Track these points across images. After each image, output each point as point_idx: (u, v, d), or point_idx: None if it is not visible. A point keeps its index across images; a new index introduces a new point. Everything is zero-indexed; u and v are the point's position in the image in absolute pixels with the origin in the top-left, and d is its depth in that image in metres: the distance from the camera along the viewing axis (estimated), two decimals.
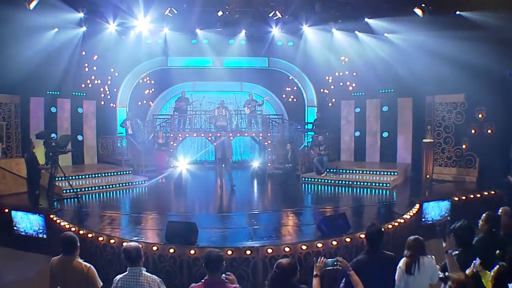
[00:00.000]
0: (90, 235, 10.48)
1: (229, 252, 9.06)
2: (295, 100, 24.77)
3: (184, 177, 18.24)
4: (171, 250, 9.23)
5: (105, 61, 21.12)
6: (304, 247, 9.39)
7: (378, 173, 17.86)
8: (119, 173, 18.08)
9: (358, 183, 17.45)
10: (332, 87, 22.90)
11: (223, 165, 17.18)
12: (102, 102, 21.88)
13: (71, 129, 20.03)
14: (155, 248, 9.39)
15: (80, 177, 17.16)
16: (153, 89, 24.14)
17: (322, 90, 23.59)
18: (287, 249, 9.27)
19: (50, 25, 17.62)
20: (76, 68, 19.85)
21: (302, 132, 22.51)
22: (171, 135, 20.58)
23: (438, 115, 18.60)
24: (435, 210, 13.28)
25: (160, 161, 18.77)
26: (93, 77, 21.15)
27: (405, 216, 11.85)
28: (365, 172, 18.14)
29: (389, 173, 17.73)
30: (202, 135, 21.23)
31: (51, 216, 11.75)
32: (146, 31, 20.42)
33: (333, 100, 22.86)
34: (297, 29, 20.94)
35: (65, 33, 18.35)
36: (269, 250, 9.17)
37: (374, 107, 21.22)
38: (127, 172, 18.34)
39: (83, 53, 20.13)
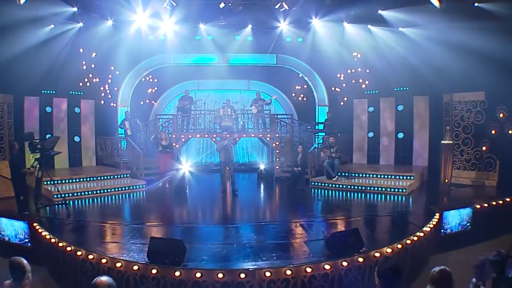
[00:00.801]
0: (69, 249, 9.37)
1: (220, 275, 7.81)
2: (305, 99, 23.71)
3: (186, 181, 16.98)
4: (154, 271, 8.02)
5: (105, 58, 20.25)
6: (309, 270, 8.07)
7: (393, 177, 16.66)
8: (116, 176, 17.08)
9: (372, 188, 16.10)
10: (344, 85, 21.78)
11: (227, 168, 16.17)
12: (102, 102, 21.08)
13: (68, 129, 19.44)
14: (135, 267, 8.21)
15: (73, 180, 16.19)
16: (156, 88, 23.16)
17: (333, 88, 22.54)
18: (288, 272, 7.97)
19: (44, 21, 16.81)
20: (73, 66, 19.00)
21: (312, 133, 21.29)
22: (174, 136, 19.58)
23: (457, 114, 17.43)
24: (456, 219, 12.17)
25: (164, 163, 17.50)
26: (91, 75, 20.23)
27: (425, 228, 10.61)
28: (379, 176, 16.95)
29: (405, 177, 16.50)
30: (206, 136, 20.21)
31: (34, 224, 10.71)
32: (147, 27, 19.61)
33: (345, 98, 21.77)
34: (306, 23, 19.96)
35: (60, 29, 17.72)
36: (267, 274, 7.89)
37: (388, 106, 20.07)
38: (125, 175, 17.34)
39: (81, 50, 19.37)
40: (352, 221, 11.83)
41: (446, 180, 15.66)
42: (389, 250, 8.87)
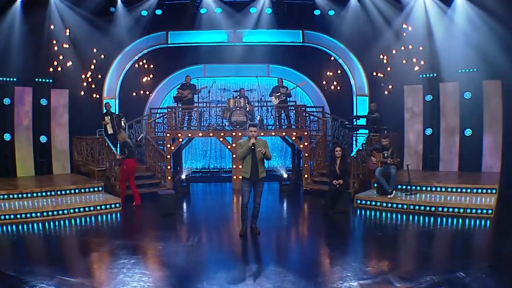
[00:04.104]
0: None
1: None
2: (339, 87, 19.78)
3: (175, 198, 12.28)
4: None
5: (84, 38, 17.14)
6: None
7: (468, 191, 12.12)
8: (83, 190, 12.91)
9: (444, 209, 11.44)
10: (388, 69, 17.84)
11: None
12: (83, 92, 17.82)
13: (33, 127, 15.95)
14: None
15: (22, 196, 12.12)
16: (151, 75, 19.76)
17: (375, 74, 18.55)
18: None
19: None
20: (41, 46, 16.05)
21: (351, 130, 17.07)
22: (168, 135, 15.76)
23: None
24: None
25: (123, 172, 13.02)
26: (61, 57, 16.76)
27: None
28: (449, 190, 12.32)
29: (484, 190, 12.00)
30: (211, 134, 16.09)
31: None
32: None
33: (390, 86, 17.79)
34: None
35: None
36: None
37: (451, 94, 15.80)
38: (96, 189, 13.12)
39: (52, 27, 16.36)
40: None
41: None
42: None
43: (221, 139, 15.78)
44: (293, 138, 16.04)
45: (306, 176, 15.31)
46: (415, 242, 9.73)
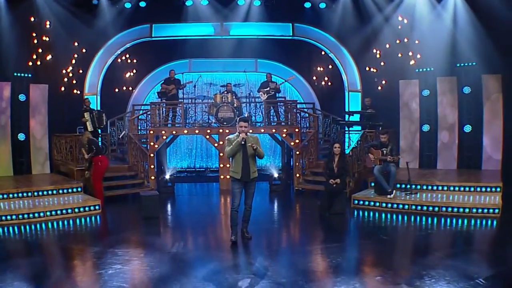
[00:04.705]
0: None
1: None
2: (329, 83, 19.12)
3: (166, 199, 11.79)
4: None
5: (65, 31, 16.44)
6: None
7: (472, 189, 11.62)
8: (61, 191, 12.21)
9: (448, 209, 10.81)
10: (381, 63, 17.27)
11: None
12: (63, 88, 17.16)
13: (12, 124, 15.12)
14: None
15: None
16: (134, 70, 19.01)
17: (367, 69, 17.92)
18: None
19: None
20: (19, 38, 15.26)
21: (343, 127, 16.51)
22: (151, 132, 15.09)
23: None
24: None
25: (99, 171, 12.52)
26: (40, 50, 16.10)
27: None
28: (451, 188, 11.78)
29: (489, 189, 11.51)
30: (197, 132, 15.52)
31: None
32: None
33: (383, 82, 17.23)
34: None
35: None
36: None
37: (449, 89, 15.29)
38: (75, 189, 12.41)
39: (32, 19, 15.74)
40: None
41: None
42: None
43: (208, 137, 15.19)
44: (284, 135, 15.37)
45: (297, 175, 14.65)
46: (421, 245, 9.00)
